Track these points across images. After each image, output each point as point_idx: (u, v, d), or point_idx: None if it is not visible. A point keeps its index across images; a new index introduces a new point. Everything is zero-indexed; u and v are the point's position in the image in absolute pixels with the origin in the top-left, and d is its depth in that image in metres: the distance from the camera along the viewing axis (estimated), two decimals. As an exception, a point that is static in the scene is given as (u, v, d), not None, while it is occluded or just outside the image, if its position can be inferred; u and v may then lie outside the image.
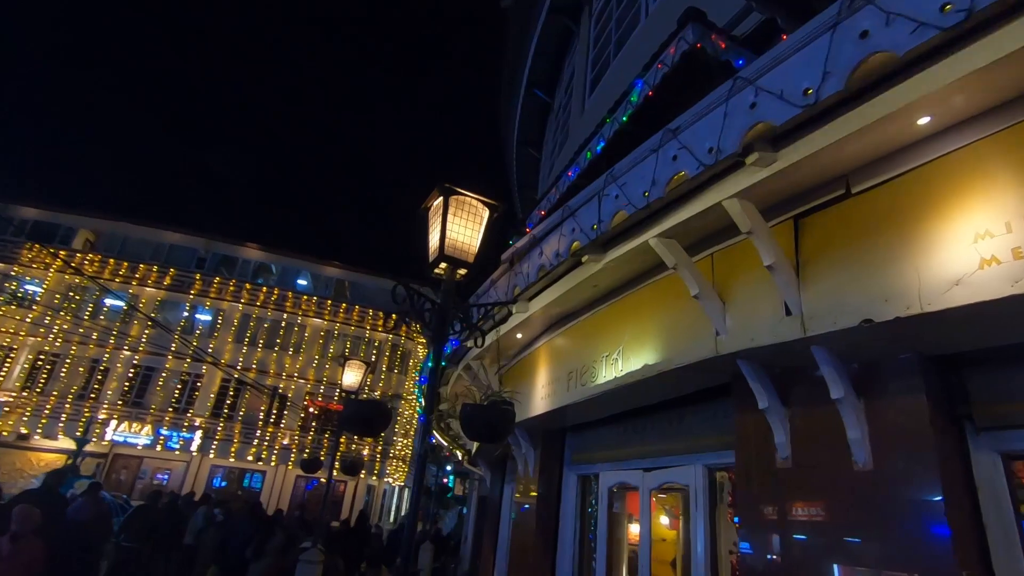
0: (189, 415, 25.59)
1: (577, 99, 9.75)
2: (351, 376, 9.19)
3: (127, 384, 25.33)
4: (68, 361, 24.68)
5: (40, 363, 24.60)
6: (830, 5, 2.63)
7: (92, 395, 24.65)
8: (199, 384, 26.42)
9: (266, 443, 26.15)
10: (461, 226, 4.30)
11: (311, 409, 27.44)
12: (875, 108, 2.34)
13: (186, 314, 27.15)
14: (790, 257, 3.27)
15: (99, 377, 25.03)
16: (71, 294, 25.59)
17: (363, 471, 24.81)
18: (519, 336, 6.34)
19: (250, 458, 25.76)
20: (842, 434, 3.19)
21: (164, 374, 25.79)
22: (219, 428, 25.73)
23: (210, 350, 25.47)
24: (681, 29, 4.93)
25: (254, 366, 26.85)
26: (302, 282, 30.91)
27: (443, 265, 4.23)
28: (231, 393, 26.60)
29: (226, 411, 26.26)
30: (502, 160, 16.62)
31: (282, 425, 26.85)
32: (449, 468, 41.40)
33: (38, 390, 24.10)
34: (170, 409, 25.42)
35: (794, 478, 3.42)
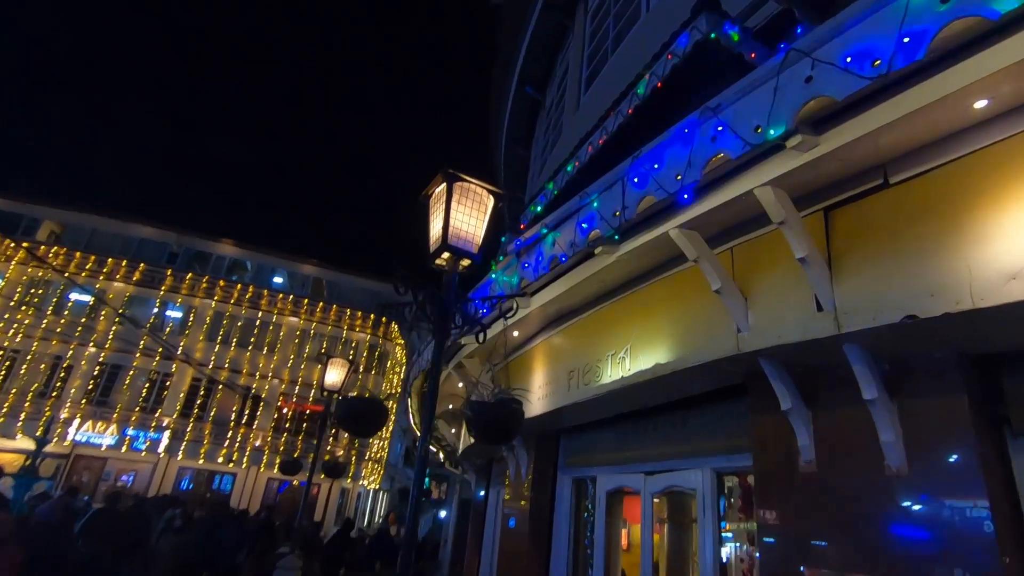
0: (157, 415, 24.70)
1: (572, 96, 9.59)
2: (333, 375, 8.84)
3: (92, 382, 24.34)
4: (29, 357, 23.62)
5: (-1, 359, 23.52)
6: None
7: (54, 393, 23.62)
8: (168, 383, 25.53)
9: (237, 444, 25.38)
10: (465, 214, 4.07)
11: (285, 410, 26.75)
12: (936, 87, 2.18)
13: (156, 310, 26.22)
14: (820, 250, 3.12)
15: (62, 375, 24.02)
16: (33, 288, 24.56)
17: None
18: (515, 334, 6.12)
19: (220, 460, 24.96)
20: (873, 436, 3.04)
21: (131, 372, 24.86)
22: (188, 429, 24.88)
23: (181, 348, 24.68)
24: (695, 18, 4.78)
25: (226, 365, 26.05)
26: (278, 280, 30.22)
27: (445, 255, 3.99)
28: (202, 393, 25.76)
29: (196, 411, 25.41)
30: (490, 160, 16.40)
31: (255, 426, 26.11)
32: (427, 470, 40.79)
33: (-4, 387, 23.03)
34: (137, 408, 24.50)
35: (820, 482, 3.27)
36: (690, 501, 5.60)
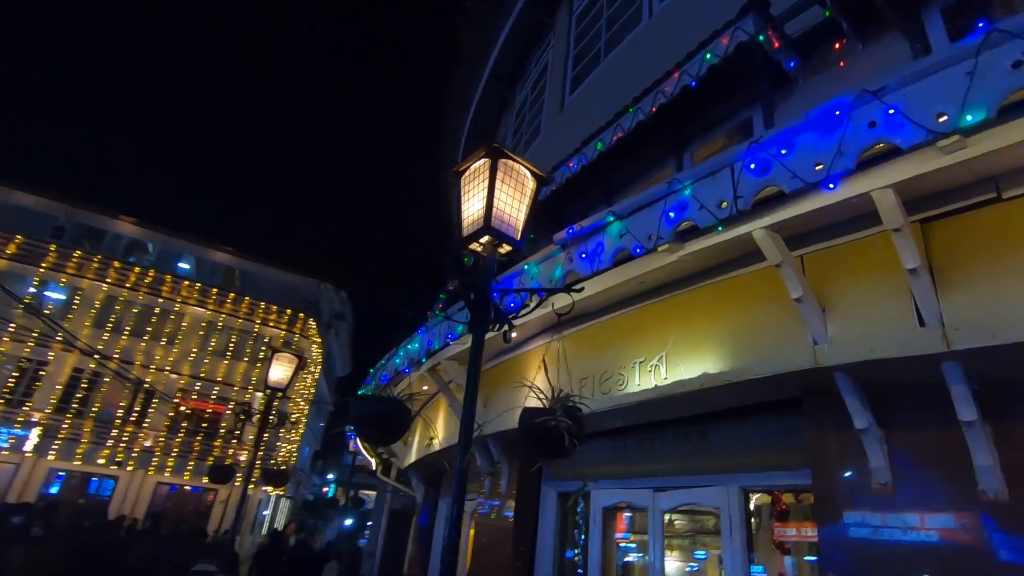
0: (26, 408, 21.58)
1: (553, 96, 9.31)
2: (279, 371, 7.93)
3: (-56, 368, 20.90)
4: None
5: None
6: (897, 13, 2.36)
7: None
8: (42, 373, 22.40)
9: (123, 445, 22.69)
10: (508, 195, 3.64)
11: (183, 408, 24.31)
12: None
13: (33, 290, 23.00)
14: (924, 263, 2.97)
15: (-96, 358, 20.44)
16: None
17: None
18: (514, 335, 5.67)
19: (102, 461, 22.19)
20: (962, 459, 2.93)
21: (-4, 358, 21.62)
22: (64, 425, 21.92)
23: (62, 334, 21.74)
24: (740, 18, 4.63)
25: (116, 355, 23.25)
26: (184, 265, 27.61)
27: (485, 239, 3.54)
28: (84, 385, 22.83)
29: (75, 406, 22.42)
30: (442, 158, 15.75)
31: (145, 425, 23.50)
32: (331, 476, 38.75)
33: None
34: (0, 400, 21.29)
35: (898, 506, 3.11)
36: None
